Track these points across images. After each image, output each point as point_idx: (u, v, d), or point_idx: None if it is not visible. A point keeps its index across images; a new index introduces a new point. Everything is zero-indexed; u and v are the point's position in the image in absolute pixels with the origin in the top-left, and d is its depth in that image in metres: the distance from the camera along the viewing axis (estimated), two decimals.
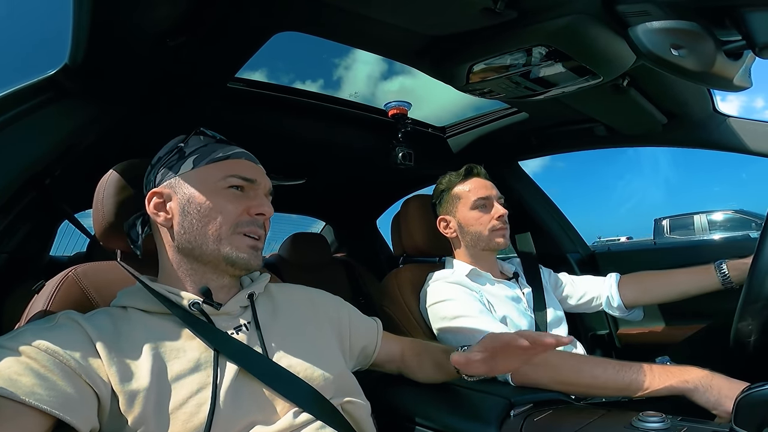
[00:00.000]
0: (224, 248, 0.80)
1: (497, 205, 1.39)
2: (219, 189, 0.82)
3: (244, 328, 0.82)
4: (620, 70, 0.95)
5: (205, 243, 0.80)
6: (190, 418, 0.68)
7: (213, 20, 0.84)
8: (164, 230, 0.84)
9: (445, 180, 1.46)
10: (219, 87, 1.14)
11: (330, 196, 2.50)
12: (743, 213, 9.24)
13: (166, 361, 0.72)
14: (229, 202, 0.81)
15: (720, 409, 0.85)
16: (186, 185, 0.82)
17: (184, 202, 0.81)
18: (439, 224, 1.45)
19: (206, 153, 0.84)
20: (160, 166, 0.85)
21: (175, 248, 0.83)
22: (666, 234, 9.46)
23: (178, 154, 0.85)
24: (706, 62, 0.76)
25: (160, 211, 0.83)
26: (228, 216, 0.81)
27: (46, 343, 0.64)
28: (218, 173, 0.83)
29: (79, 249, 2.13)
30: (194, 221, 0.80)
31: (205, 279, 0.84)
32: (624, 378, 0.95)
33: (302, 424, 0.76)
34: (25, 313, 0.84)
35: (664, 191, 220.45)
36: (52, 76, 0.86)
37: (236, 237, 0.81)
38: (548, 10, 0.80)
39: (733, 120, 1.40)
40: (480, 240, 1.38)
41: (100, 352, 0.68)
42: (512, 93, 1.06)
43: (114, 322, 0.75)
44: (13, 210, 0.94)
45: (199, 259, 0.82)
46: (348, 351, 0.97)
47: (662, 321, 1.70)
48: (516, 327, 1.26)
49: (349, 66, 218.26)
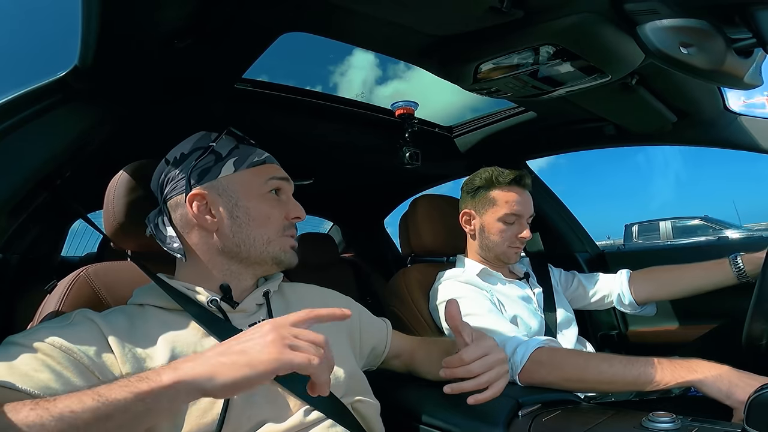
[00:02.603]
0: (273, 249, 0.85)
1: (526, 228, 1.36)
2: (263, 193, 0.86)
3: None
4: (629, 69, 0.95)
5: (254, 246, 0.83)
6: (203, 414, 0.69)
7: (220, 21, 0.84)
8: (205, 232, 0.84)
9: (485, 176, 1.39)
10: (226, 88, 1.15)
11: (337, 196, 2.51)
12: (707, 220, 10.03)
13: (182, 356, 0.72)
14: (273, 207, 0.86)
15: (732, 399, 0.84)
16: (231, 189, 0.84)
17: (231, 206, 0.83)
18: (462, 216, 1.43)
19: (244, 156, 0.86)
20: (192, 166, 0.84)
21: (217, 250, 0.84)
22: (634, 238, 10.42)
23: (213, 155, 0.85)
24: (715, 60, 0.75)
25: (205, 214, 0.83)
26: (275, 221, 0.85)
27: (61, 340, 0.65)
28: (260, 177, 0.86)
29: (90, 250, 2.16)
30: (243, 225, 0.83)
31: (236, 279, 0.85)
32: (631, 372, 0.94)
33: (313, 422, 0.76)
34: (37, 313, 0.85)
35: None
36: (62, 77, 0.87)
37: (282, 239, 0.86)
38: (555, 9, 0.79)
39: (744, 118, 1.38)
40: (495, 249, 1.37)
41: (114, 349, 0.69)
42: (520, 92, 1.06)
43: (130, 319, 0.75)
44: (24, 211, 0.95)
45: (245, 261, 0.85)
46: (358, 351, 0.98)
47: (673, 321, 1.69)
48: (526, 327, 1.26)
49: (344, 72, 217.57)
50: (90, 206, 1.45)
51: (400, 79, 47.44)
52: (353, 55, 43.75)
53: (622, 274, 1.49)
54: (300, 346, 0.57)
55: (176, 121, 1.22)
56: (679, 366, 0.92)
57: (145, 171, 0.93)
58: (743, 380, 0.84)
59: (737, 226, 10.10)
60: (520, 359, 1.05)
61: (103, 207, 0.93)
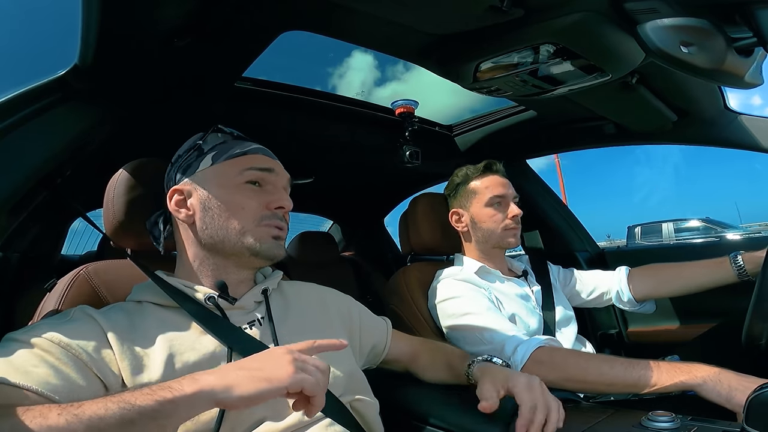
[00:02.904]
0: (247, 240, 0.83)
1: (512, 205, 1.38)
2: (238, 184, 0.84)
3: (257, 322, 0.84)
4: (629, 68, 0.94)
5: (227, 237, 0.82)
6: (201, 413, 0.69)
7: (220, 20, 0.84)
8: (185, 226, 0.86)
9: (461, 173, 1.45)
10: (226, 86, 1.15)
11: (337, 194, 2.50)
12: (709, 222, 10.36)
13: (180, 353, 0.73)
14: (248, 198, 0.84)
15: (732, 403, 0.84)
16: (205, 182, 0.84)
17: (204, 199, 0.84)
18: (451, 217, 1.45)
19: (224, 150, 0.87)
20: (180, 164, 0.87)
21: (197, 244, 0.85)
22: (637, 239, 10.71)
23: (197, 151, 0.87)
24: (716, 59, 0.75)
25: (181, 208, 0.85)
26: (250, 211, 0.83)
27: (59, 335, 0.65)
28: (235, 168, 0.85)
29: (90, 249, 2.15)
30: (215, 216, 0.83)
31: (224, 274, 0.86)
32: (632, 375, 0.95)
33: (311, 421, 0.76)
34: (37, 312, 0.85)
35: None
36: (61, 76, 0.87)
37: (259, 229, 0.84)
38: (555, 8, 0.79)
39: (744, 117, 1.38)
40: (491, 237, 1.38)
41: (112, 345, 0.69)
42: (520, 91, 1.06)
43: (128, 315, 0.76)
44: (25, 210, 0.95)
45: (222, 253, 0.84)
46: (358, 349, 0.98)
47: (673, 320, 1.68)
48: (525, 325, 1.26)
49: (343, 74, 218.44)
50: (90, 205, 1.45)
51: (398, 81, 46.17)
52: (352, 57, 42.46)
53: (621, 271, 1.49)
54: (309, 371, 0.61)
55: (176, 119, 1.22)
56: (679, 370, 0.92)
57: (145, 170, 0.94)
58: (742, 384, 0.85)
59: (737, 227, 10.23)
60: (521, 358, 1.05)
61: (103, 205, 0.93)
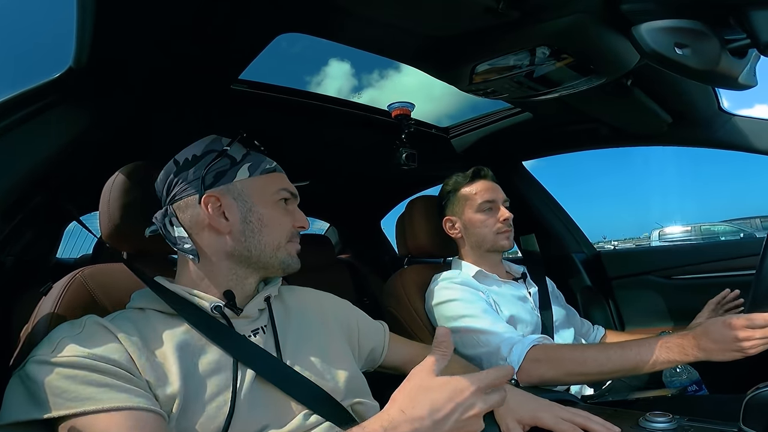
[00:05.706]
0: (282, 255, 0.87)
1: (503, 209, 1.40)
2: (275, 201, 0.87)
3: (261, 330, 0.83)
4: (624, 70, 0.95)
5: (264, 251, 0.85)
6: (209, 422, 0.68)
7: (216, 22, 0.84)
8: (215, 234, 0.83)
9: (451, 181, 1.47)
10: (223, 89, 1.15)
11: (334, 197, 2.50)
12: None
13: (191, 363, 0.72)
14: (283, 215, 0.88)
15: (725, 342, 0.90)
16: (246, 194, 0.84)
17: (246, 211, 0.84)
18: (445, 224, 1.46)
19: (257, 163, 0.87)
20: (206, 169, 0.83)
21: (224, 252, 0.83)
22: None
23: (228, 159, 0.85)
24: (710, 61, 0.76)
25: (219, 216, 0.82)
26: (284, 228, 0.88)
27: (88, 350, 0.65)
28: (272, 185, 0.88)
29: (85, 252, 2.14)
30: (256, 230, 0.84)
31: (240, 284, 0.85)
32: (630, 358, 0.98)
33: (312, 425, 0.76)
34: (33, 315, 0.85)
35: None
36: (57, 78, 0.87)
37: (289, 245, 0.89)
38: (551, 10, 0.79)
39: (738, 119, 1.39)
40: (485, 242, 1.39)
41: (134, 358, 0.68)
42: (516, 93, 1.06)
43: (135, 325, 0.74)
44: (20, 213, 0.94)
45: (251, 264, 0.85)
46: (357, 353, 0.98)
47: (669, 321, 1.69)
48: (523, 327, 1.26)
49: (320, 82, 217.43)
50: (86, 208, 1.44)
51: (393, 83, 45.73)
52: (347, 59, 42.47)
53: (597, 329, 1.53)
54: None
55: (172, 122, 1.22)
56: (671, 342, 0.96)
57: (142, 172, 0.93)
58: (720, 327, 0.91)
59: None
60: (517, 358, 1.06)
61: (99, 208, 0.93)
